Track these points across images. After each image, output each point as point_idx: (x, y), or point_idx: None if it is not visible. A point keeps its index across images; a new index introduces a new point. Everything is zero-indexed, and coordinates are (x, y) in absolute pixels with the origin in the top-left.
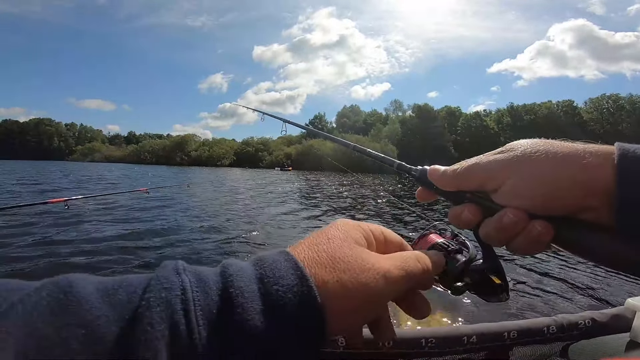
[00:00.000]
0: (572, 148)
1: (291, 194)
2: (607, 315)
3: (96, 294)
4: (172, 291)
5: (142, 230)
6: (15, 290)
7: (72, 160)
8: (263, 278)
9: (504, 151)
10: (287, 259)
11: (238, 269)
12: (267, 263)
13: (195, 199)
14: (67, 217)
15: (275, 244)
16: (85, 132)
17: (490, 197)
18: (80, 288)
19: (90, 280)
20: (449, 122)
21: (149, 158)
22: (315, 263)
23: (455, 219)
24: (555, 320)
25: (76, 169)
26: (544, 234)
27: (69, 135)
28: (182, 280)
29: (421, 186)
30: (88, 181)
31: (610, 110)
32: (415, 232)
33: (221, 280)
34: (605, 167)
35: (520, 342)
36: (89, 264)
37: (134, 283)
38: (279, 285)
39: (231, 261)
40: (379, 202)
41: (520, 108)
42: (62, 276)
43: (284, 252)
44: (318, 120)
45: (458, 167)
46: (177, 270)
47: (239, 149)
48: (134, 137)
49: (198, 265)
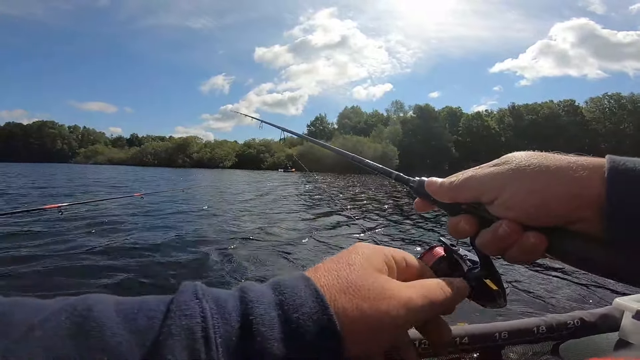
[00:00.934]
0: (565, 161)
1: (307, 197)
2: (595, 315)
3: (116, 318)
4: (193, 318)
5: (137, 235)
6: (33, 311)
7: (76, 162)
8: (283, 305)
9: (499, 164)
10: (307, 284)
11: (258, 295)
12: (287, 289)
13: (195, 203)
14: (60, 223)
15: (291, 249)
16: (88, 134)
17: (486, 209)
18: (100, 312)
19: (108, 302)
20: (450, 122)
21: (152, 160)
22: (335, 289)
23: (452, 229)
24: (545, 321)
25: (77, 173)
26: (538, 244)
27: (72, 138)
28: (203, 307)
29: (419, 197)
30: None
31: (612, 110)
32: (415, 232)
33: (240, 306)
34: (595, 180)
35: (512, 342)
36: (84, 269)
37: (153, 307)
38: (299, 312)
39: (250, 285)
40: (382, 204)
41: (521, 108)
42: (80, 298)
43: (304, 277)
44: (319, 122)
45: (455, 179)
46: (196, 295)
47: (240, 150)
48: (136, 139)
49: (215, 288)
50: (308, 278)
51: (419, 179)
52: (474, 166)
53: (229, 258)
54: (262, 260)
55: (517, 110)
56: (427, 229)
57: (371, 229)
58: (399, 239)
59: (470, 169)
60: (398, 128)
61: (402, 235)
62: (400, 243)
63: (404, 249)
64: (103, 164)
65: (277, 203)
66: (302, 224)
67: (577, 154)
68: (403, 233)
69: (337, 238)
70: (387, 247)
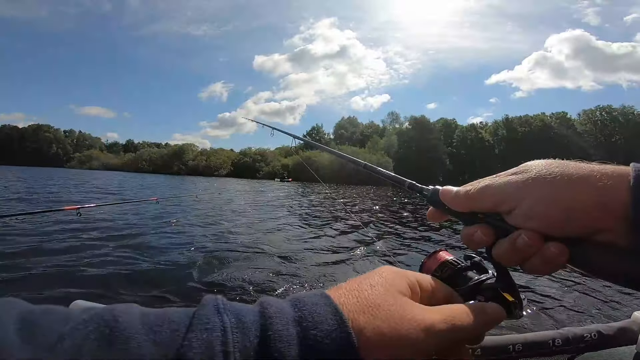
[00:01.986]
0: (588, 169)
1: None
2: (613, 328)
3: (142, 330)
4: (213, 332)
5: (151, 237)
6: (63, 320)
7: (70, 167)
8: (302, 321)
9: (518, 172)
10: (327, 302)
11: (277, 310)
12: (307, 305)
13: (202, 208)
14: (81, 224)
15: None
16: (83, 139)
17: (503, 218)
18: (126, 323)
19: (134, 313)
20: (445, 134)
21: (147, 166)
22: (355, 309)
23: (467, 239)
24: (561, 333)
25: (75, 178)
26: (559, 255)
27: (67, 142)
28: (223, 321)
29: (432, 206)
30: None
31: (604, 122)
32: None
33: (260, 321)
34: (620, 189)
35: (526, 355)
36: (98, 270)
37: (175, 320)
38: (317, 330)
39: (270, 300)
40: (379, 213)
41: (515, 120)
42: (107, 309)
43: (323, 294)
44: (315, 132)
45: (471, 188)
46: (217, 309)
47: (236, 159)
48: (132, 145)
49: (236, 302)
50: (328, 296)
51: (432, 187)
52: (469, 178)
53: (247, 266)
54: (275, 271)
55: (511, 123)
56: (436, 240)
57: (378, 239)
58: (406, 245)
59: (487, 177)
60: (394, 139)
61: (410, 242)
62: (408, 249)
63: (411, 256)
64: (97, 169)
65: (281, 210)
66: (311, 233)
67: (600, 162)
68: (414, 241)
69: (353, 251)
70: (413, 272)
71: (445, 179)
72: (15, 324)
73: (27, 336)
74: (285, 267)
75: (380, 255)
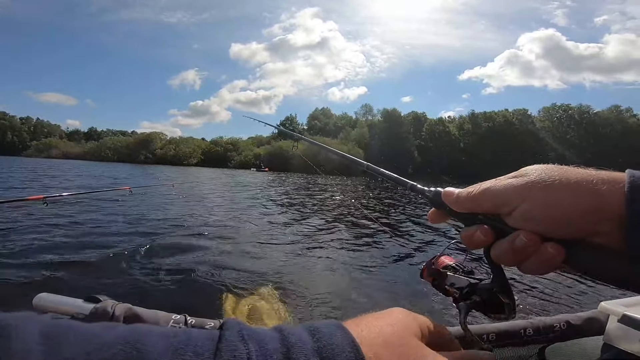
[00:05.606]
0: (585, 175)
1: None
2: (581, 318)
3: (166, 353)
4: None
5: (122, 227)
6: (88, 338)
7: (26, 155)
8: (322, 352)
9: (518, 176)
10: (344, 334)
11: (297, 339)
12: (325, 336)
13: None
14: (47, 214)
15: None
16: (41, 126)
17: (503, 220)
18: (151, 346)
19: (157, 335)
20: (415, 127)
21: (110, 156)
22: (377, 344)
23: (467, 239)
24: (532, 323)
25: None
26: (556, 256)
27: (23, 130)
28: (249, 350)
29: (434, 207)
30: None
31: (561, 120)
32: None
33: (281, 349)
34: (616, 194)
35: (499, 345)
36: (67, 262)
37: (199, 344)
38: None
39: (290, 329)
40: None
41: (480, 116)
42: (129, 329)
43: (339, 325)
44: (289, 122)
45: (472, 190)
46: (242, 336)
47: (207, 148)
48: (95, 133)
49: (255, 327)
50: (344, 327)
51: (434, 189)
52: (437, 172)
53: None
54: (260, 262)
55: (476, 118)
56: (433, 241)
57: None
58: (405, 245)
59: (488, 180)
60: (365, 131)
61: (410, 242)
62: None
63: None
64: (57, 158)
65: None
66: (294, 222)
67: (597, 168)
68: (414, 241)
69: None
70: (421, 316)
71: (414, 170)
72: (38, 343)
73: (54, 353)
74: (311, 262)
75: (394, 258)
